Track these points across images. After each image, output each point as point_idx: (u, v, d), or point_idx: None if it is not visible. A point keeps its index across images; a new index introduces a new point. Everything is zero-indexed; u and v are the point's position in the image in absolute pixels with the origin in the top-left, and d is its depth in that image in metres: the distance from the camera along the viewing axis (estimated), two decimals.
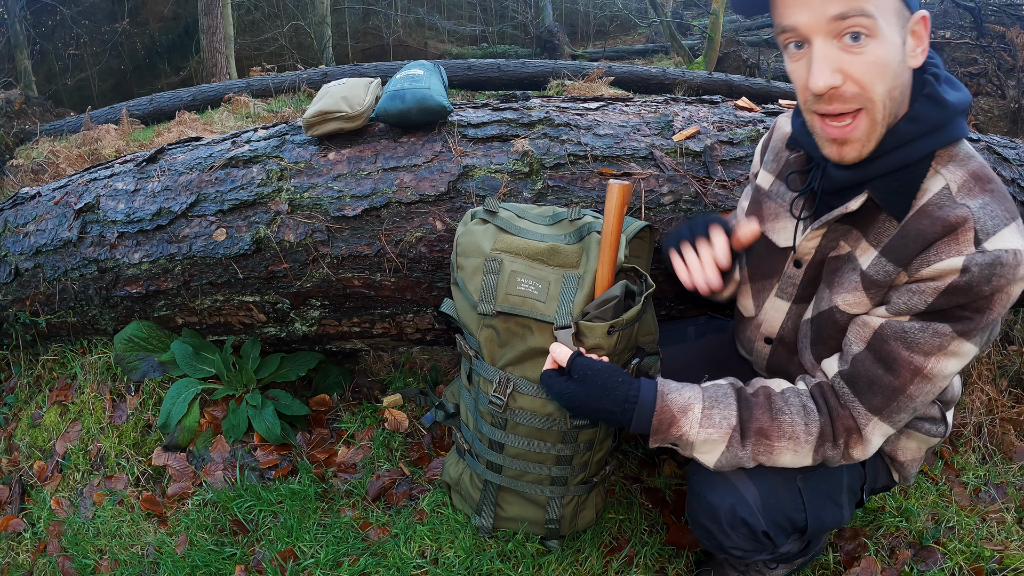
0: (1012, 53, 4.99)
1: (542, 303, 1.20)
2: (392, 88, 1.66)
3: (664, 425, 1.00)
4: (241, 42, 10.23)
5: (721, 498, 1.07)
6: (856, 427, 0.98)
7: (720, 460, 1.02)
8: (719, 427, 0.99)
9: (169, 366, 1.80)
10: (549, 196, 1.58)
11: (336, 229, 1.60)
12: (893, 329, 0.94)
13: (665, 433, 1.01)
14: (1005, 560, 1.47)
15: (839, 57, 0.85)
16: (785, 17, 0.87)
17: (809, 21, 0.85)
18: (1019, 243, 0.85)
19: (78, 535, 1.57)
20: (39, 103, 6.90)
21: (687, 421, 1.00)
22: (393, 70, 6.33)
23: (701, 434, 0.99)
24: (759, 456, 1.00)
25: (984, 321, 0.88)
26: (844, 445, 0.99)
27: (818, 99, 0.89)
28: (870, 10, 0.82)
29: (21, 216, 1.91)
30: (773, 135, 1.22)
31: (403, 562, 1.43)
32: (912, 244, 0.91)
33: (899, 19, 0.86)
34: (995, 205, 0.87)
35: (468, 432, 1.44)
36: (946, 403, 1.17)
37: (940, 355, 0.91)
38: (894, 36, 0.85)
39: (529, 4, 13.17)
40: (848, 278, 1.01)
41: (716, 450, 1.01)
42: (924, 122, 0.90)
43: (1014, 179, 1.76)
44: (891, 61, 0.86)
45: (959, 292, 0.86)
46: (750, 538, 1.08)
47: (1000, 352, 2.11)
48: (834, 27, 0.84)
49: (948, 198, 0.89)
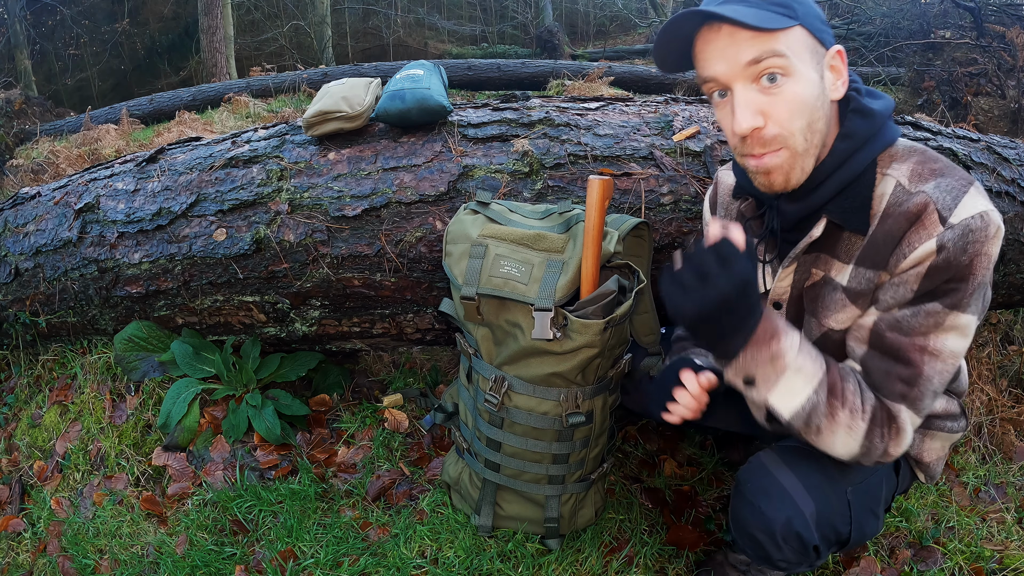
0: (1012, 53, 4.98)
1: (523, 285, 1.21)
2: (392, 88, 1.66)
3: (767, 335, 0.90)
4: (241, 42, 10.23)
5: (778, 510, 1.03)
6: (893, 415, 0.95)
7: (804, 406, 0.93)
8: (815, 362, 0.93)
9: (169, 366, 1.80)
10: (549, 196, 1.58)
11: (336, 229, 1.60)
12: (887, 322, 0.95)
13: (764, 346, 0.91)
14: (1005, 560, 1.47)
15: (758, 99, 0.89)
16: (705, 69, 0.92)
17: (727, 70, 0.89)
18: (982, 204, 0.88)
19: (78, 535, 1.57)
20: (39, 103, 6.91)
21: (789, 340, 0.92)
22: (393, 70, 6.33)
23: (798, 360, 0.92)
24: (825, 418, 0.94)
25: (970, 288, 0.89)
26: (888, 435, 0.95)
27: (743, 142, 0.93)
28: (782, 50, 0.87)
29: (21, 216, 1.91)
30: (718, 190, 1.23)
31: (403, 562, 1.43)
32: (884, 246, 0.93)
33: (814, 56, 0.90)
34: (948, 180, 0.90)
35: (467, 431, 1.44)
36: (959, 394, 1.18)
37: (939, 331, 0.91)
38: (810, 73, 0.89)
39: (529, 4, 13.16)
40: (832, 299, 1.01)
41: (804, 390, 0.93)
42: (857, 136, 0.94)
43: (1014, 179, 1.76)
44: (809, 97, 0.89)
45: (940, 270, 0.88)
46: (800, 552, 1.05)
47: (1000, 352, 2.11)
48: (750, 72, 0.88)
49: (903, 192, 0.92)
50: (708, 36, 0.91)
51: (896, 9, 6.53)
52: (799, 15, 0.89)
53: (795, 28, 0.88)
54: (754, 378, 0.93)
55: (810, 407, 0.93)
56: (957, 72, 5.15)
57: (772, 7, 0.88)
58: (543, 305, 1.16)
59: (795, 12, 0.89)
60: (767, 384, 0.93)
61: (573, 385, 1.27)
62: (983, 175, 1.73)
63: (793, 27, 0.88)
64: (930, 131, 1.80)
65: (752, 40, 0.87)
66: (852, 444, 0.96)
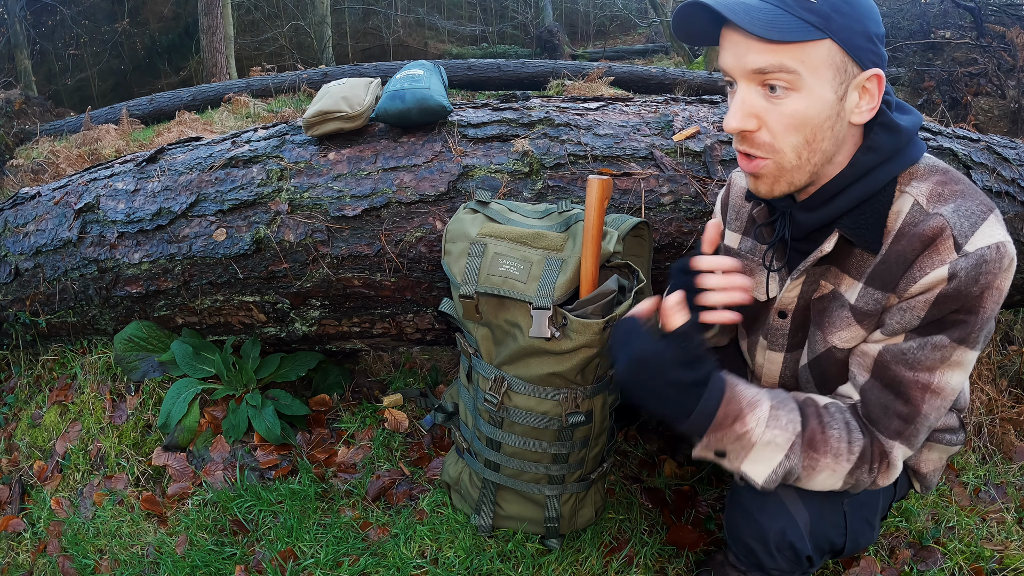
0: (1012, 53, 4.99)
1: (522, 283, 1.20)
2: (392, 88, 1.66)
3: (729, 418, 0.89)
4: (241, 42, 10.24)
5: (772, 519, 1.02)
6: (885, 452, 0.94)
7: (774, 473, 0.92)
8: (785, 430, 0.90)
9: (169, 366, 1.80)
10: (549, 196, 1.58)
11: (336, 229, 1.60)
12: (892, 353, 0.92)
13: (727, 429, 0.90)
14: (1005, 560, 1.47)
15: (757, 103, 0.86)
16: (720, 58, 0.89)
17: (733, 65, 0.86)
18: (999, 235, 0.84)
19: (78, 535, 1.57)
20: (39, 103, 6.91)
21: (754, 417, 0.89)
22: (393, 70, 6.33)
23: (767, 435, 0.90)
24: (802, 471, 0.93)
25: (979, 322, 0.86)
26: (877, 470, 0.95)
27: (736, 136, 0.91)
28: (791, 65, 0.81)
29: (21, 216, 1.91)
30: (730, 191, 1.20)
31: (403, 562, 1.43)
32: (895, 267, 0.90)
33: (838, 75, 0.83)
34: (968, 204, 0.86)
35: (467, 431, 1.44)
36: (959, 411, 1.16)
37: (944, 367, 0.89)
38: (824, 91, 0.83)
39: (529, 4, 13.17)
40: (839, 315, 0.99)
41: (774, 459, 0.91)
42: (882, 150, 0.90)
43: (1014, 179, 1.76)
44: (813, 116, 0.84)
45: (949, 299, 0.85)
46: (793, 561, 1.05)
47: (1000, 352, 2.11)
48: (755, 77, 0.85)
49: (920, 212, 0.88)
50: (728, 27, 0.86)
51: (896, 9, 6.54)
52: (833, 28, 0.81)
53: (821, 42, 0.81)
54: (724, 452, 0.93)
55: (783, 471, 0.93)
56: (957, 72, 5.15)
57: (803, 13, 0.81)
58: (541, 303, 1.16)
59: (828, 24, 0.81)
60: (738, 457, 0.92)
61: (572, 385, 1.27)
62: (983, 175, 1.73)
63: (818, 41, 0.81)
64: (930, 131, 1.80)
65: (762, 49, 0.82)
66: (834, 482, 0.95)
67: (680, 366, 0.88)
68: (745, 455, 0.92)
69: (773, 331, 1.11)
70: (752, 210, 1.12)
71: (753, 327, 1.19)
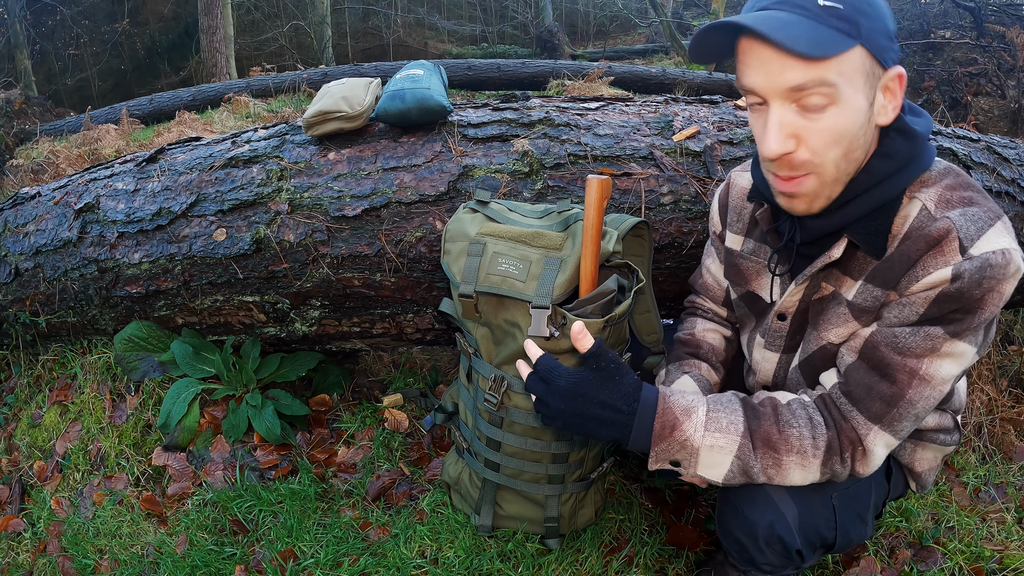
0: (1012, 53, 4.99)
1: (521, 282, 1.20)
2: (392, 88, 1.66)
3: (667, 428, 0.93)
4: (241, 42, 10.23)
5: (760, 514, 1.02)
6: (858, 438, 0.94)
7: (730, 472, 0.95)
8: (726, 432, 0.93)
9: (169, 366, 1.80)
10: (549, 196, 1.58)
11: (336, 229, 1.60)
12: (883, 336, 0.92)
13: (668, 439, 0.93)
14: (1005, 560, 1.47)
15: (795, 122, 0.83)
16: (744, 76, 0.85)
17: (766, 86, 0.82)
18: (1006, 242, 0.84)
19: (78, 535, 1.57)
20: (39, 103, 6.91)
21: (691, 424, 0.93)
22: (393, 70, 6.33)
23: (707, 439, 0.93)
24: (768, 470, 0.95)
25: (976, 320, 0.86)
26: (851, 460, 0.95)
27: (771, 160, 0.87)
28: (831, 79, 0.79)
29: (21, 216, 1.91)
30: (730, 192, 1.19)
31: (403, 562, 1.43)
32: (898, 266, 0.90)
33: (868, 80, 0.82)
34: (976, 209, 0.86)
35: (467, 431, 1.44)
36: (955, 411, 1.16)
37: (933, 356, 0.89)
38: (858, 100, 0.82)
39: (529, 4, 13.16)
40: (835, 313, 0.99)
41: (724, 461, 0.94)
42: (898, 157, 0.89)
43: (1014, 179, 1.76)
44: (851, 126, 0.83)
45: (950, 299, 0.85)
46: (783, 555, 1.06)
47: (1000, 352, 2.11)
48: (792, 95, 0.81)
49: (927, 216, 0.88)
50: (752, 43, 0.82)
51: (896, 9, 6.53)
52: (863, 32, 0.79)
53: (854, 50, 0.79)
54: (678, 461, 0.96)
55: (738, 470, 0.95)
56: (957, 72, 5.15)
57: (834, 22, 0.78)
58: (540, 303, 1.16)
59: (859, 29, 0.78)
60: (690, 464, 0.96)
61: None
62: (983, 175, 1.73)
63: (852, 49, 0.79)
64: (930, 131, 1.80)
65: (801, 66, 0.78)
66: (811, 476, 0.97)
67: (604, 384, 0.94)
68: (695, 461, 0.95)
69: (771, 332, 1.12)
70: (754, 212, 1.11)
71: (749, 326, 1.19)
